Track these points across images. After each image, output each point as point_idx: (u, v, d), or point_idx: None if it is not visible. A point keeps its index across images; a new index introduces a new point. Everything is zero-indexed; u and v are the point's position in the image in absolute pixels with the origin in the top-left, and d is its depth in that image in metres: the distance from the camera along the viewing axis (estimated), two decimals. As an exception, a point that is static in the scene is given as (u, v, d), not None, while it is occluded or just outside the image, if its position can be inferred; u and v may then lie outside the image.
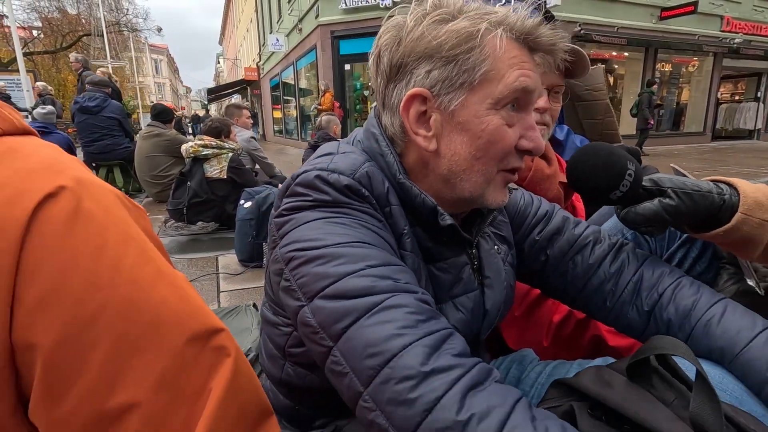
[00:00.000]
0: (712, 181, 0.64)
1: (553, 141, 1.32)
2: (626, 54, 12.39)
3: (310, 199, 0.53)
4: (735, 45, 12.66)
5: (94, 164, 4.91)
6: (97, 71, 5.60)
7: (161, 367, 0.34)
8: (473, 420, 0.36)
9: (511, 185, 0.84)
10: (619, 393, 0.53)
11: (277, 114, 19.27)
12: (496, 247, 0.71)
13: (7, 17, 10.69)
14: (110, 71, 5.95)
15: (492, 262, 0.68)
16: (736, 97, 15.34)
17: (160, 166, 4.30)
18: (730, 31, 12.68)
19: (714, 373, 0.59)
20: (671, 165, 1.06)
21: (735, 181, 0.62)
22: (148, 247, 0.39)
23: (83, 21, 20.15)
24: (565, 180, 0.86)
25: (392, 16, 0.58)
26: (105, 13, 18.67)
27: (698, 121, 13.82)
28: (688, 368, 0.60)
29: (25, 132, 0.39)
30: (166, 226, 3.51)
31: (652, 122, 9.47)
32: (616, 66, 11.77)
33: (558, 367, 0.75)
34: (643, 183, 0.64)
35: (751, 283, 0.86)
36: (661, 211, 0.61)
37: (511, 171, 0.59)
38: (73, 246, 0.33)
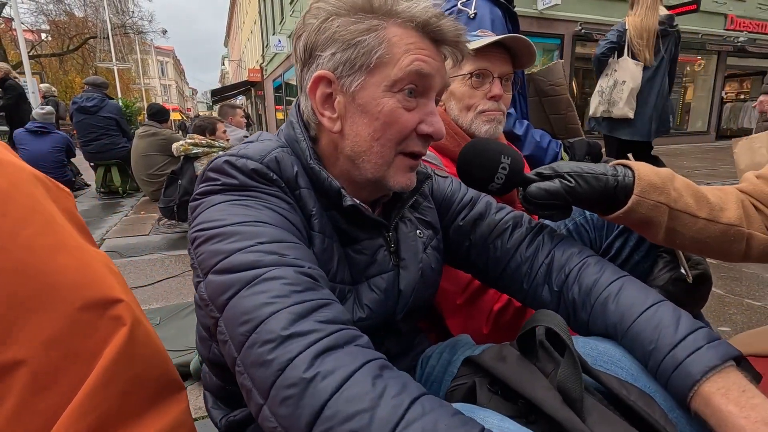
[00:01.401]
0: (615, 164, 0.66)
1: (512, 136, 1.34)
2: (628, 53, 12.31)
3: (219, 183, 0.56)
4: (739, 43, 12.54)
5: (92, 163, 4.99)
6: None
7: (52, 329, 0.37)
8: (317, 377, 0.38)
9: (441, 173, 0.87)
10: (510, 367, 0.56)
11: (280, 115, 19.41)
12: (418, 231, 0.73)
13: (14, 20, 10.88)
14: (10, 68, 5.67)
15: (409, 245, 0.71)
16: (741, 96, 15.17)
17: (156, 165, 4.36)
18: (734, 30, 12.56)
19: (614, 352, 0.61)
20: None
21: (634, 164, 0.65)
22: (55, 221, 0.43)
23: (90, 24, 20.40)
24: None
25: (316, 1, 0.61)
26: (111, 16, 18.89)
27: (702, 120, 13.70)
28: (590, 344, 0.63)
29: None
30: (159, 224, 3.56)
31: None
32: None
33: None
34: (543, 171, 0.68)
35: (682, 270, 0.88)
36: (561, 190, 0.64)
37: (412, 155, 0.61)
38: None
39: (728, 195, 0.68)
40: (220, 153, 0.60)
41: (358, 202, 0.62)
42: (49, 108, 4.80)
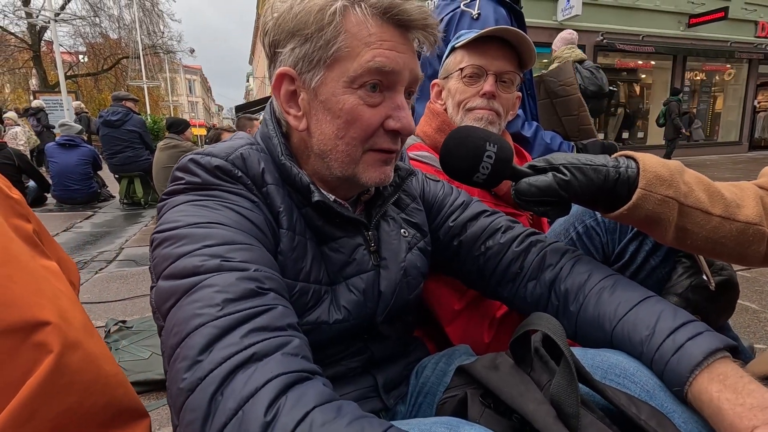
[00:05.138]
0: (618, 156, 0.61)
1: (521, 138, 1.29)
2: (653, 63, 12.05)
3: (183, 182, 0.54)
4: (771, 51, 12.09)
5: (116, 175, 5.16)
6: None
7: None
8: (220, 399, 0.36)
9: (432, 176, 0.84)
10: (501, 377, 0.50)
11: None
12: (402, 230, 0.70)
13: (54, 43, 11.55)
14: None
15: (391, 244, 0.67)
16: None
17: (176, 177, 4.46)
18: (765, 37, 12.14)
19: (627, 365, 0.55)
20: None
21: (639, 155, 0.59)
22: None
23: (123, 45, 21.43)
24: None
25: None
26: (142, 37, 19.80)
27: (734, 130, 13.19)
28: (593, 356, 0.57)
29: None
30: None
31: (684, 131, 8.98)
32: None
33: (483, 360, 0.72)
34: (537, 163, 0.63)
35: (704, 277, 0.80)
36: (554, 184, 0.58)
37: (383, 151, 0.58)
38: None
39: (745, 191, 0.61)
40: (187, 153, 0.59)
41: (332, 198, 0.59)
42: (62, 121, 5.11)
